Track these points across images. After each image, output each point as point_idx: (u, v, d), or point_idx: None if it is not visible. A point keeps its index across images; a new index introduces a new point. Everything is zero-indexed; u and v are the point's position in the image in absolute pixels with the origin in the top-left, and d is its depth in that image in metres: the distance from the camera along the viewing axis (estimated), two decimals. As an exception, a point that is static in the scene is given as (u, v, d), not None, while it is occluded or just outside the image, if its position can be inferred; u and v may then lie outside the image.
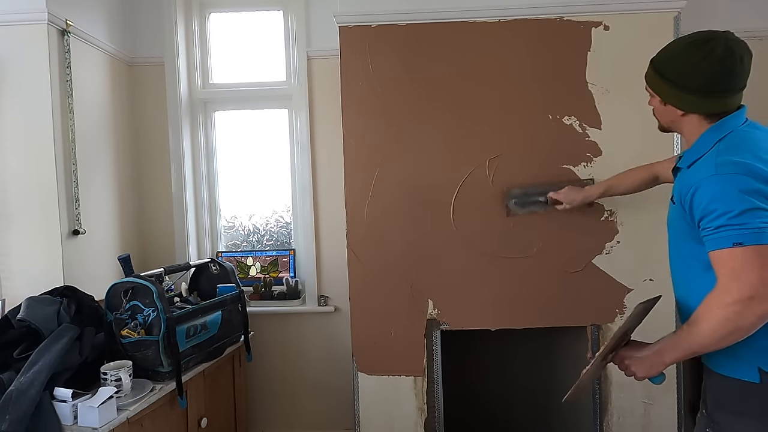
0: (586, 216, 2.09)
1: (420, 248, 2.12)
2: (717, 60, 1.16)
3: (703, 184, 1.13)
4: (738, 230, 1.07)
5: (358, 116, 2.12)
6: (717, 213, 1.10)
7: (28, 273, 2.16)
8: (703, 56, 1.17)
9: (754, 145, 1.15)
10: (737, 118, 1.22)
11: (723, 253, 1.09)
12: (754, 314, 1.06)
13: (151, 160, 2.80)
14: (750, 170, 1.09)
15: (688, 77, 1.21)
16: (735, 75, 1.18)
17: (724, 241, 1.09)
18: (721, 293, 1.09)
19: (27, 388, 1.60)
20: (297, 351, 2.83)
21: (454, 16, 2.08)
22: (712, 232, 1.11)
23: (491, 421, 2.75)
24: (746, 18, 2.51)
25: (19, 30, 2.12)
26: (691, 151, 1.25)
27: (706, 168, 1.15)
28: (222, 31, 2.90)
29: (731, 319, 1.07)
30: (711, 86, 1.19)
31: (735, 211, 1.07)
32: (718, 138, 1.19)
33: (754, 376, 1.15)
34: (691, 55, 1.20)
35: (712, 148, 1.18)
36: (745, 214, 1.07)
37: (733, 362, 1.18)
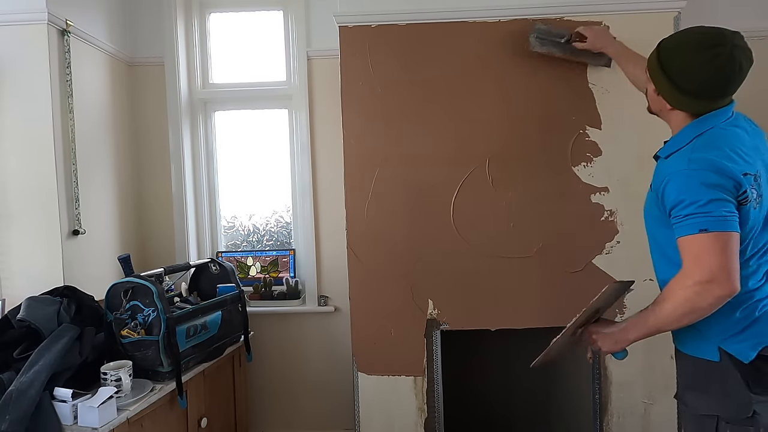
0: (586, 216, 2.09)
1: (420, 248, 2.12)
2: (717, 68, 1.19)
3: (674, 176, 1.20)
4: (704, 218, 1.14)
5: (358, 116, 2.12)
6: (686, 203, 1.17)
7: (28, 273, 2.16)
8: (706, 61, 1.19)
9: (728, 143, 1.21)
10: (720, 116, 1.25)
11: (689, 238, 1.17)
12: (711, 296, 1.14)
13: (151, 160, 2.80)
14: (717, 167, 1.16)
15: (686, 78, 1.23)
16: (730, 83, 1.22)
17: (691, 227, 1.16)
18: (684, 276, 1.18)
19: (27, 388, 1.60)
20: (297, 351, 2.82)
21: (454, 16, 2.08)
22: (681, 219, 1.18)
23: (491, 421, 2.75)
24: (746, 18, 2.51)
25: (19, 30, 2.12)
26: (671, 143, 1.31)
27: (679, 162, 1.22)
28: (222, 31, 2.90)
29: (690, 299, 1.16)
30: (705, 91, 1.23)
31: (702, 201, 1.15)
32: (697, 134, 1.24)
33: (714, 356, 1.24)
34: (695, 57, 1.21)
35: (689, 143, 1.24)
36: (711, 203, 1.14)
37: (698, 343, 1.27)
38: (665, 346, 2.09)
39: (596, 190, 2.09)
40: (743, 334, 1.22)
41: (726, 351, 1.23)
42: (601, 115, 2.08)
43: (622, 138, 2.08)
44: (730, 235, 1.14)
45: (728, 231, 1.14)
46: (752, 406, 1.20)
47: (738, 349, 1.22)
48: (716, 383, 1.25)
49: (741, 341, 1.22)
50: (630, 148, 2.07)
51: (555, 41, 2.00)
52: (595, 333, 1.36)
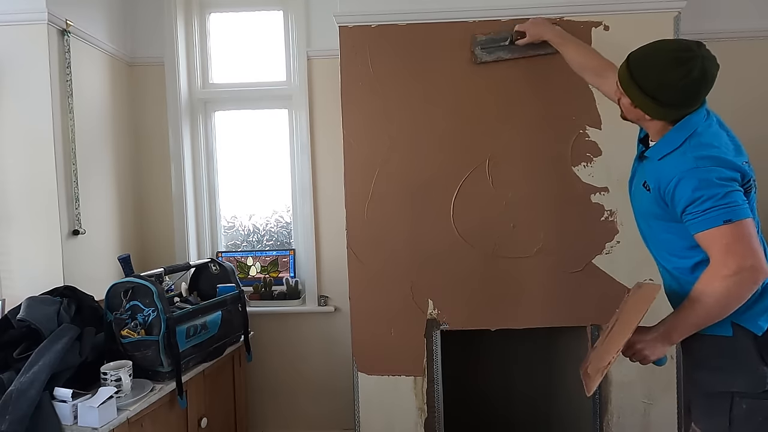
0: (586, 216, 2.09)
1: (420, 248, 2.12)
2: (692, 82, 1.24)
3: (685, 176, 1.23)
4: (726, 209, 1.18)
5: (358, 116, 2.12)
6: (703, 198, 1.20)
7: (28, 273, 2.16)
8: (680, 77, 1.23)
9: (720, 139, 1.28)
10: (697, 115, 1.30)
11: (713, 231, 1.19)
12: (752, 281, 1.17)
13: (151, 160, 2.80)
14: (725, 161, 1.22)
15: (664, 93, 1.27)
16: (704, 92, 1.28)
17: (714, 220, 1.19)
18: (720, 267, 1.19)
19: (27, 388, 1.60)
20: (297, 351, 2.82)
21: (454, 16, 2.08)
22: (700, 215, 1.21)
23: (491, 420, 2.75)
24: (746, 18, 2.51)
25: (19, 30, 2.12)
26: (661, 145, 1.33)
27: (684, 162, 1.25)
28: (222, 31, 2.90)
29: (732, 288, 1.18)
30: (682, 104, 1.28)
31: (720, 194, 1.19)
32: (687, 135, 1.29)
33: (728, 330, 1.26)
34: (669, 74, 1.25)
35: (684, 144, 1.28)
36: (729, 195, 1.19)
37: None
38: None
39: (596, 190, 2.09)
40: (755, 307, 1.24)
41: (740, 325, 1.25)
42: (601, 115, 2.08)
43: (622, 138, 2.07)
44: (750, 221, 1.19)
45: (748, 218, 1.19)
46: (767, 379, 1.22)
47: (751, 321, 1.24)
48: (730, 359, 1.26)
49: (753, 313, 1.24)
50: (630, 148, 2.05)
51: (500, 46, 2.05)
52: (640, 343, 1.31)
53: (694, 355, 1.36)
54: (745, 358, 1.24)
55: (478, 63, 2.07)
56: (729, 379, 1.26)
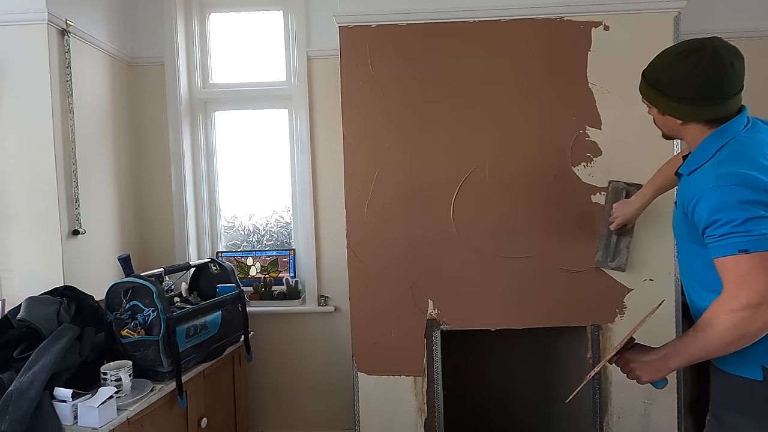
0: (586, 216, 2.09)
1: (420, 248, 2.12)
2: (706, 69, 1.17)
3: (705, 195, 1.14)
4: (743, 237, 1.08)
5: (358, 116, 2.12)
6: (721, 222, 1.11)
7: (28, 273, 2.16)
8: (692, 67, 1.18)
9: (754, 151, 1.15)
10: (738, 123, 1.21)
11: (729, 260, 1.10)
12: (762, 320, 1.07)
13: (151, 160, 2.80)
14: (748, 181, 1.10)
15: (681, 88, 1.21)
16: (727, 81, 1.18)
17: (729, 248, 1.10)
18: (729, 300, 1.10)
19: (27, 388, 1.60)
20: (297, 351, 2.83)
21: (454, 16, 2.08)
22: (717, 239, 1.12)
23: (491, 420, 2.75)
24: (746, 18, 2.51)
25: (19, 30, 2.12)
26: (693, 158, 1.25)
27: (706, 179, 1.16)
28: (222, 31, 2.90)
29: (739, 325, 1.09)
30: (705, 95, 1.20)
31: (739, 220, 1.09)
32: (719, 146, 1.19)
33: (758, 374, 1.16)
34: (680, 67, 1.20)
35: (713, 157, 1.19)
36: (749, 222, 1.08)
37: (739, 360, 1.19)
38: (665, 346, 2.10)
39: (596, 190, 2.09)
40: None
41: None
42: (601, 115, 2.08)
43: (622, 138, 2.08)
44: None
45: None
46: None
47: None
48: (759, 404, 1.18)
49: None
50: (630, 148, 2.07)
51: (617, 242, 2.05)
52: (633, 362, 1.26)
53: (721, 393, 1.27)
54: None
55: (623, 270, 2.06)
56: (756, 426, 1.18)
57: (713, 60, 1.17)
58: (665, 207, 2.08)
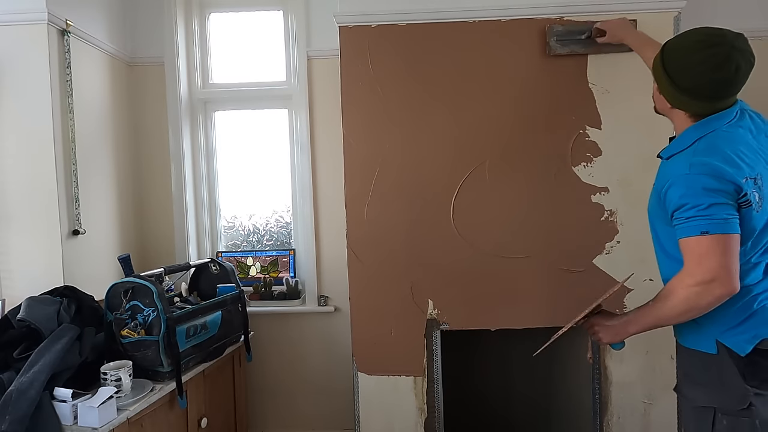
0: (586, 216, 2.09)
1: (420, 248, 2.12)
2: (713, 68, 1.22)
3: (677, 181, 1.24)
4: (705, 220, 1.18)
5: (358, 116, 2.12)
6: (688, 206, 1.21)
7: (28, 273, 2.16)
8: (702, 60, 1.22)
9: (729, 146, 1.23)
10: (723, 117, 1.28)
11: (690, 240, 1.21)
12: (712, 295, 1.18)
13: (151, 160, 2.80)
14: (717, 172, 1.19)
15: (683, 77, 1.26)
16: (726, 85, 1.24)
17: (693, 229, 1.20)
18: (685, 275, 1.22)
19: (27, 388, 1.60)
20: (297, 351, 2.82)
21: (454, 16, 2.08)
22: (683, 221, 1.22)
23: (491, 420, 2.75)
24: (746, 18, 2.51)
25: (19, 30, 2.12)
26: (674, 144, 1.34)
27: (681, 166, 1.25)
28: (222, 31, 2.90)
29: (691, 299, 1.21)
30: (701, 91, 1.26)
31: (704, 205, 1.19)
32: (698, 136, 1.27)
33: (712, 348, 1.28)
34: (693, 56, 1.24)
35: (690, 146, 1.27)
36: (713, 207, 1.18)
37: (696, 336, 1.31)
38: (665, 346, 2.11)
39: (596, 190, 2.09)
40: (740, 327, 1.25)
41: (723, 344, 1.26)
42: (601, 115, 2.08)
43: (622, 138, 2.08)
44: (730, 236, 1.18)
45: (729, 233, 1.18)
46: (749, 398, 1.22)
47: (735, 342, 1.25)
48: (713, 375, 1.28)
49: (738, 334, 1.25)
50: (630, 148, 2.07)
51: (576, 39, 2.02)
52: (597, 324, 1.42)
53: (683, 368, 1.41)
54: (728, 377, 1.26)
55: (550, 55, 2.04)
56: (712, 395, 1.28)
57: (723, 61, 1.20)
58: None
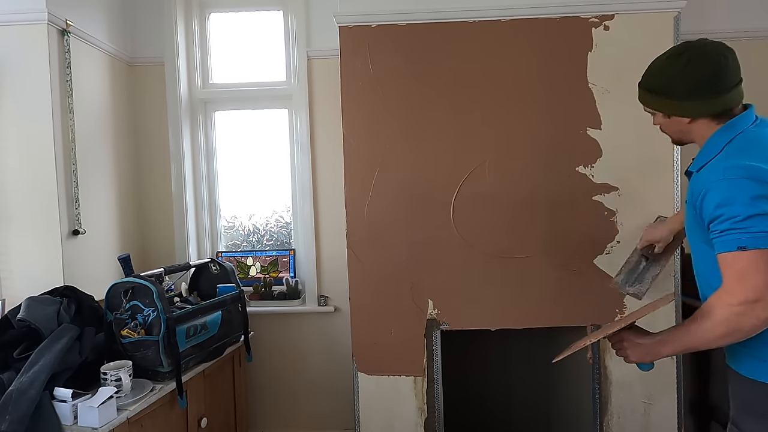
0: (586, 216, 2.09)
1: (420, 248, 2.12)
2: (697, 64, 1.20)
3: (712, 188, 1.14)
4: (743, 234, 1.08)
5: (358, 116, 2.12)
6: (723, 217, 1.11)
7: (28, 273, 2.16)
8: (683, 65, 1.21)
9: (763, 144, 1.16)
10: (746, 119, 1.22)
11: (728, 255, 1.11)
12: (756, 317, 1.07)
13: (151, 160, 2.80)
14: (755, 174, 1.10)
15: (677, 86, 1.23)
16: (721, 73, 1.20)
17: (729, 244, 1.10)
18: (725, 294, 1.11)
19: (27, 388, 1.60)
20: (297, 351, 2.82)
21: (454, 16, 2.08)
22: (719, 235, 1.13)
23: (491, 420, 2.75)
24: (746, 18, 2.51)
25: (19, 30, 2.12)
26: (702, 154, 1.25)
27: (715, 172, 1.16)
28: (222, 31, 2.90)
29: (732, 320, 1.09)
30: (702, 88, 1.21)
31: (741, 216, 1.09)
32: (728, 140, 1.20)
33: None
34: (672, 67, 1.23)
35: (722, 151, 1.19)
36: (751, 219, 1.08)
37: (757, 363, 1.19)
38: (665, 346, 2.10)
39: (596, 190, 2.09)
40: None
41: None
42: (601, 115, 2.08)
43: (622, 138, 2.08)
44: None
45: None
46: None
47: None
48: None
49: None
50: (630, 148, 2.07)
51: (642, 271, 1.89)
52: (627, 341, 1.28)
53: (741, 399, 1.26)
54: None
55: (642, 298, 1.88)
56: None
57: (701, 55, 1.20)
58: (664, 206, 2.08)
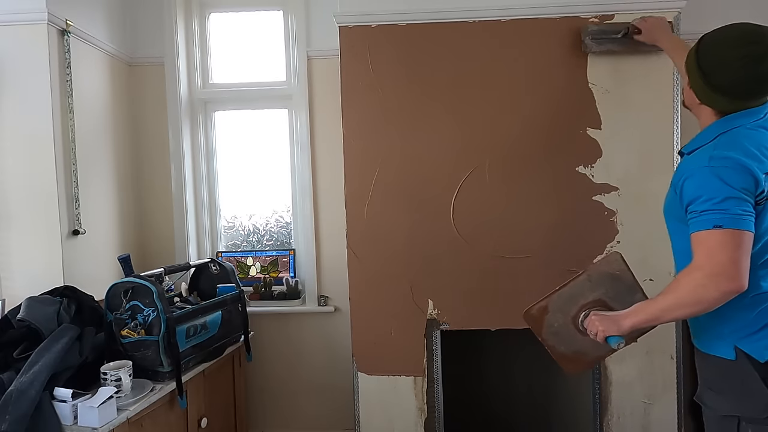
0: (586, 216, 2.09)
1: (420, 248, 2.12)
2: (748, 66, 1.20)
3: (695, 172, 1.21)
4: (719, 214, 1.15)
5: (358, 116, 2.12)
6: (703, 199, 1.18)
7: (28, 273, 2.16)
8: (737, 57, 1.20)
9: (752, 142, 1.21)
10: (748, 116, 1.25)
11: (702, 234, 1.18)
12: (718, 289, 1.15)
13: (151, 160, 2.80)
14: (738, 164, 1.17)
15: (717, 73, 1.24)
16: (760, 83, 1.22)
17: (706, 223, 1.17)
18: (693, 268, 1.19)
19: (27, 388, 1.60)
20: (297, 351, 2.82)
21: (454, 16, 2.08)
22: (697, 215, 1.19)
23: (491, 421, 2.75)
24: (746, 18, 2.49)
25: (19, 30, 2.12)
26: (696, 139, 1.31)
27: (701, 158, 1.22)
28: (222, 31, 2.90)
29: (696, 291, 1.17)
30: (732, 89, 1.24)
31: (719, 198, 1.16)
32: (721, 131, 1.25)
33: (730, 354, 1.25)
34: (728, 52, 1.22)
35: (713, 141, 1.25)
36: (728, 201, 1.15)
37: (715, 341, 1.29)
38: (665, 346, 2.11)
39: (596, 190, 2.09)
40: (759, 334, 1.23)
41: (742, 350, 1.24)
42: (601, 115, 2.08)
43: (622, 138, 2.08)
44: (744, 233, 1.14)
45: (742, 229, 1.14)
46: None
47: (754, 349, 1.23)
48: (735, 383, 1.25)
49: (757, 340, 1.23)
50: (630, 148, 2.07)
51: (611, 38, 2.00)
52: (596, 314, 1.37)
53: (703, 375, 1.35)
54: (750, 384, 1.22)
55: (587, 52, 2.03)
56: (736, 404, 1.25)
57: (758, 60, 1.19)
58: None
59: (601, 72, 2.07)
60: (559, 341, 1.51)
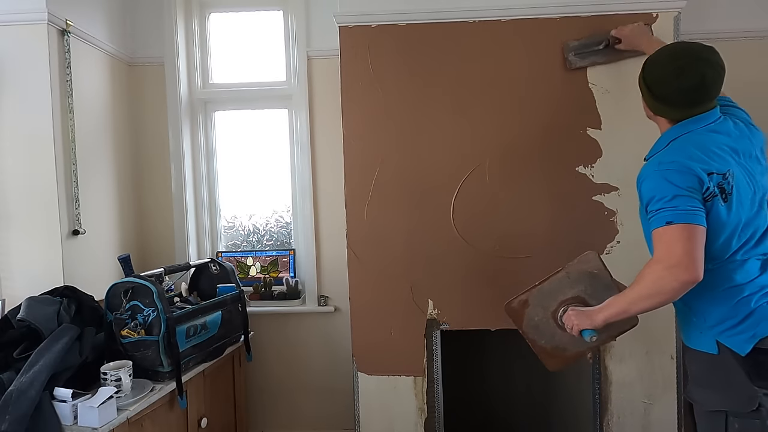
0: (586, 216, 2.09)
1: (420, 248, 2.12)
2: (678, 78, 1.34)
3: (648, 176, 1.34)
4: (671, 211, 1.26)
5: (358, 116, 2.12)
6: (656, 199, 1.30)
7: (28, 273, 2.16)
8: (670, 73, 1.35)
9: (698, 145, 1.33)
10: (699, 121, 1.37)
11: (659, 230, 1.28)
12: (675, 280, 1.24)
13: (151, 160, 2.80)
14: (682, 166, 1.29)
15: (657, 87, 1.39)
16: (693, 92, 1.34)
17: (660, 220, 1.28)
18: (653, 262, 1.29)
19: (27, 388, 1.60)
20: (297, 351, 2.82)
21: (454, 16, 2.08)
22: (653, 214, 1.30)
23: (491, 421, 2.75)
24: (746, 18, 2.51)
25: (19, 30, 2.12)
26: (654, 146, 1.46)
27: (653, 164, 1.36)
28: (222, 31, 2.90)
29: (655, 282, 1.27)
30: (673, 100, 1.37)
31: (668, 196, 1.27)
32: (673, 138, 1.38)
33: (713, 348, 1.33)
34: (663, 69, 1.37)
35: (666, 147, 1.38)
36: (677, 198, 1.26)
37: (699, 336, 1.37)
38: (665, 346, 2.11)
39: (597, 190, 2.09)
40: (738, 327, 1.29)
41: (723, 344, 1.30)
42: (601, 115, 2.08)
43: (622, 138, 2.08)
44: (694, 227, 1.24)
45: (692, 223, 1.24)
46: (757, 399, 1.24)
47: (735, 342, 1.29)
48: (720, 377, 1.31)
49: (737, 334, 1.29)
50: (630, 148, 2.07)
51: (594, 51, 2.03)
52: (573, 310, 1.50)
53: (691, 371, 1.43)
54: (734, 378, 1.28)
55: (571, 69, 2.05)
56: (721, 398, 1.30)
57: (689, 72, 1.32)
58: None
59: (601, 72, 2.07)
60: (539, 335, 1.60)
